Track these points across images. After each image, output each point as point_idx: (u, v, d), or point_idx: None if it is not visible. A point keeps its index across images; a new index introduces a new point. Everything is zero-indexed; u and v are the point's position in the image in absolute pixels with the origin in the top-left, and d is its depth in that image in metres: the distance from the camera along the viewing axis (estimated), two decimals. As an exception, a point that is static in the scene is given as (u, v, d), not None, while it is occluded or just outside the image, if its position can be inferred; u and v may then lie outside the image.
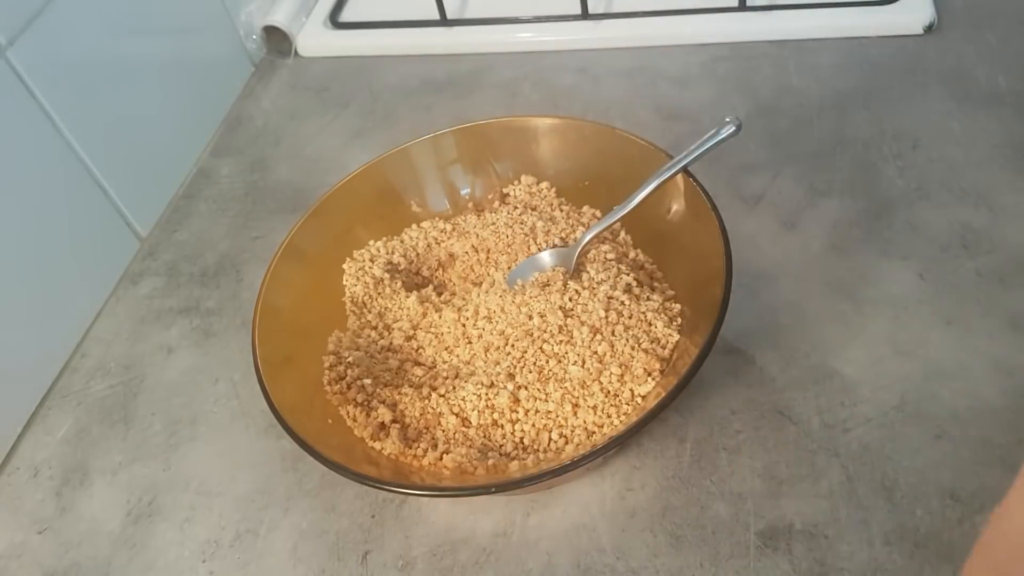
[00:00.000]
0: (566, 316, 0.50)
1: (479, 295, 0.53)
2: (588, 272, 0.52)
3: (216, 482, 0.53)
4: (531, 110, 0.73)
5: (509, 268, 0.56)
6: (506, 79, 0.77)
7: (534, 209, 0.59)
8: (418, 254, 0.59)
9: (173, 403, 0.58)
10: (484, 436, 0.47)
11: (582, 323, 0.49)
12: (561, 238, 0.56)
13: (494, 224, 0.58)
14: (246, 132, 0.79)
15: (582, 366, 0.48)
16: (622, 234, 0.57)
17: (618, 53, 0.77)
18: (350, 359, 0.51)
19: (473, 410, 0.48)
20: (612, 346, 0.48)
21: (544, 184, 0.60)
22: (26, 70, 0.58)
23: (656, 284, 0.53)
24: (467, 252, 0.58)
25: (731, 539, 0.45)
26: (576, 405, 0.47)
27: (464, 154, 0.60)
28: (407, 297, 0.55)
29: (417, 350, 0.53)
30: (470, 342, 0.51)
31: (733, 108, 0.69)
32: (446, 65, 0.81)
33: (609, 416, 0.46)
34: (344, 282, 0.57)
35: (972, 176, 0.60)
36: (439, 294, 0.56)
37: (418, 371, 0.51)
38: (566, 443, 0.46)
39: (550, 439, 0.46)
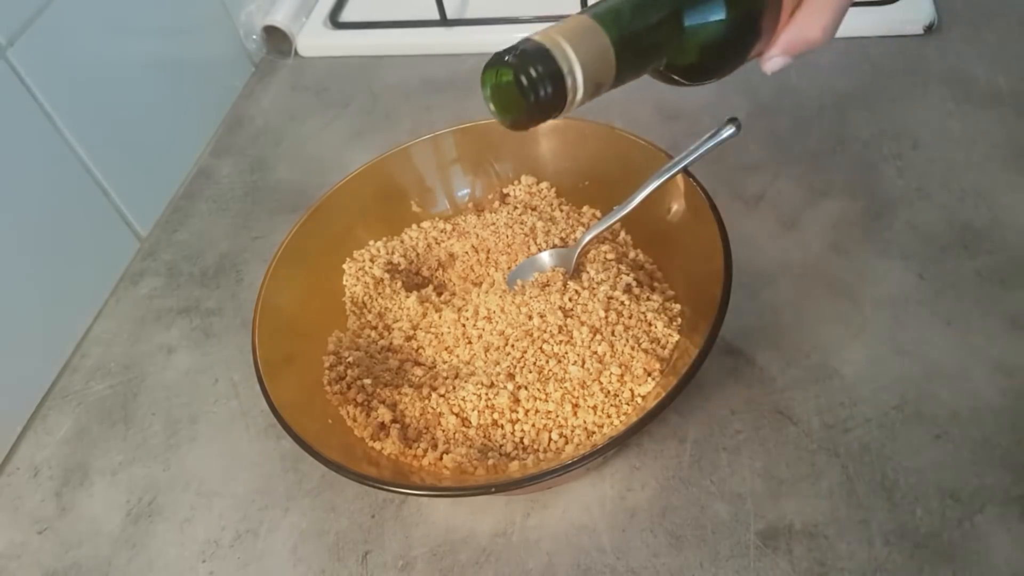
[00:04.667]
0: (566, 316, 0.50)
1: (479, 295, 0.53)
2: (588, 272, 0.52)
3: (216, 482, 0.53)
4: (531, 110, 0.73)
5: (509, 268, 0.56)
6: (506, 79, 0.77)
7: (534, 209, 0.59)
8: (418, 254, 0.59)
9: (173, 403, 0.58)
10: (484, 436, 0.47)
11: (582, 323, 0.49)
12: (561, 238, 0.56)
13: (494, 224, 0.58)
14: (246, 132, 0.79)
15: (582, 366, 0.48)
16: (622, 234, 0.57)
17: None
18: (350, 359, 0.51)
19: (473, 410, 0.48)
20: (612, 346, 0.48)
21: (544, 184, 0.60)
22: (26, 70, 0.58)
23: (656, 284, 0.53)
24: (467, 252, 0.58)
25: (731, 539, 0.45)
26: (576, 405, 0.47)
27: (464, 154, 0.60)
28: (407, 297, 0.55)
29: (417, 350, 0.53)
30: (470, 342, 0.51)
31: (733, 108, 0.69)
32: (446, 65, 0.81)
33: (609, 416, 0.46)
34: (344, 282, 0.57)
35: (972, 176, 0.60)
36: (439, 294, 0.56)
37: (418, 371, 0.51)
38: (566, 443, 0.46)
39: (550, 439, 0.46)
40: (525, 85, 0.35)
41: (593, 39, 0.36)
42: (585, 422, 0.46)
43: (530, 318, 0.50)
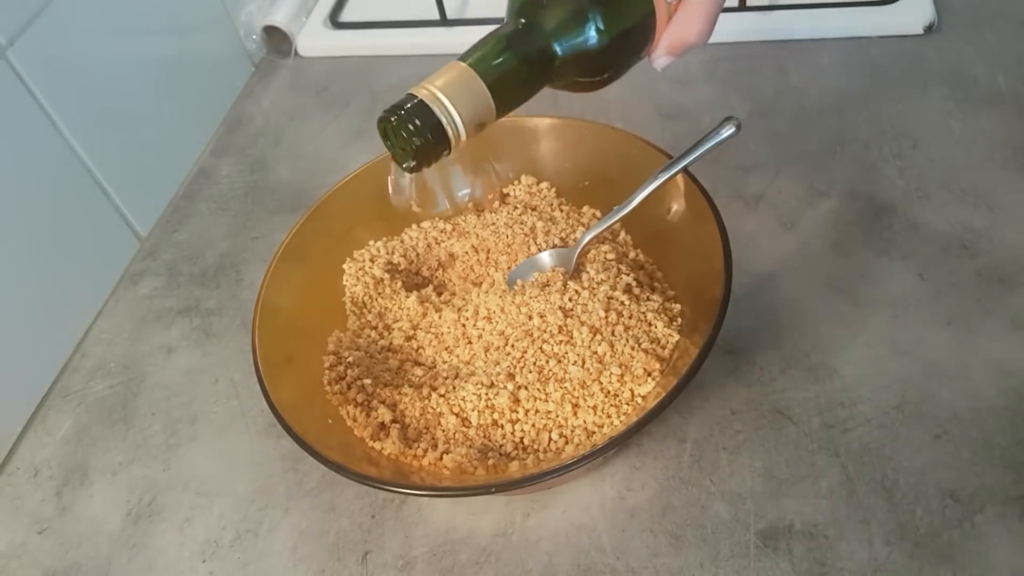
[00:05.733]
0: (566, 316, 0.50)
1: (479, 295, 0.53)
2: (588, 272, 0.52)
3: (216, 482, 0.53)
4: (531, 110, 0.73)
5: (509, 268, 0.56)
6: (506, 79, 0.77)
7: (534, 209, 0.59)
8: (418, 254, 0.59)
9: (173, 403, 0.58)
10: (484, 436, 0.47)
11: (582, 323, 0.49)
12: (561, 238, 0.56)
13: (494, 224, 0.58)
14: (246, 132, 0.79)
15: (582, 366, 0.48)
16: (622, 234, 0.57)
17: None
18: (350, 359, 0.51)
19: (473, 410, 0.48)
20: (612, 346, 0.48)
21: (544, 184, 0.60)
22: (26, 70, 0.58)
23: (656, 284, 0.53)
24: (467, 252, 0.58)
25: (731, 539, 0.45)
26: (576, 405, 0.47)
27: (464, 154, 0.59)
28: (407, 297, 0.55)
29: (417, 350, 0.53)
30: (470, 342, 0.51)
31: (733, 108, 0.69)
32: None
33: (609, 416, 0.46)
34: (344, 282, 0.57)
35: (972, 176, 0.60)
36: (439, 294, 0.56)
37: (418, 371, 0.51)
38: (566, 443, 0.46)
39: (550, 439, 0.46)
40: (407, 138, 0.40)
41: (468, 85, 0.40)
42: (585, 422, 0.46)
43: (530, 318, 0.50)
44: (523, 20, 0.41)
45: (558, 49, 0.41)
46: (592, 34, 0.41)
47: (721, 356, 0.52)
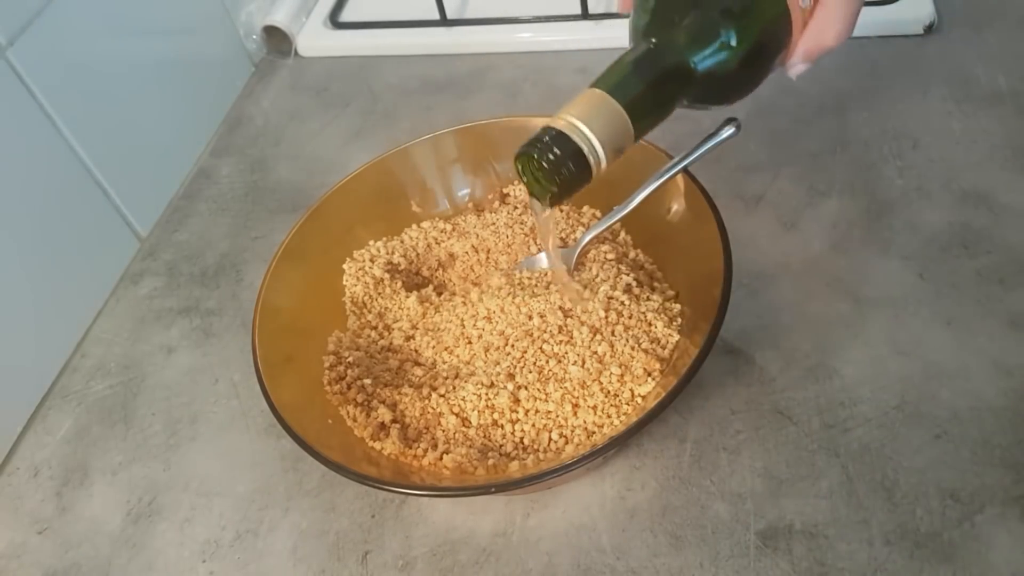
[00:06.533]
0: (566, 316, 0.50)
1: (479, 295, 0.53)
2: (588, 272, 0.52)
3: (216, 482, 0.53)
4: (531, 110, 0.73)
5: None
6: (506, 79, 0.77)
7: (534, 209, 0.59)
8: (418, 254, 0.59)
9: (173, 403, 0.58)
10: (484, 436, 0.47)
11: (582, 323, 0.49)
12: (561, 238, 0.56)
13: (494, 224, 0.58)
14: (246, 132, 0.79)
15: (582, 366, 0.48)
16: (622, 234, 0.57)
17: (618, 53, 0.76)
18: (350, 359, 0.51)
19: (473, 410, 0.48)
20: (612, 346, 0.48)
21: (544, 184, 0.60)
22: (26, 70, 0.58)
23: (656, 284, 0.53)
24: (467, 252, 0.58)
25: (731, 539, 0.45)
26: (576, 405, 0.47)
27: (464, 154, 0.60)
28: (407, 297, 0.55)
29: (417, 350, 0.53)
30: (470, 342, 0.51)
31: (733, 108, 0.69)
32: (446, 65, 0.81)
33: (609, 416, 0.46)
34: (344, 282, 0.57)
35: (972, 176, 0.60)
36: (439, 294, 0.56)
37: (418, 371, 0.51)
38: (566, 443, 0.46)
39: (550, 439, 0.46)
40: (549, 169, 0.39)
41: (605, 111, 0.39)
42: (585, 422, 0.46)
43: (530, 318, 0.50)
44: (654, 40, 0.40)
45: (693, 66, 0.40)
46: (727, 49, 0.40)
47: (721, 356, 0.52)
